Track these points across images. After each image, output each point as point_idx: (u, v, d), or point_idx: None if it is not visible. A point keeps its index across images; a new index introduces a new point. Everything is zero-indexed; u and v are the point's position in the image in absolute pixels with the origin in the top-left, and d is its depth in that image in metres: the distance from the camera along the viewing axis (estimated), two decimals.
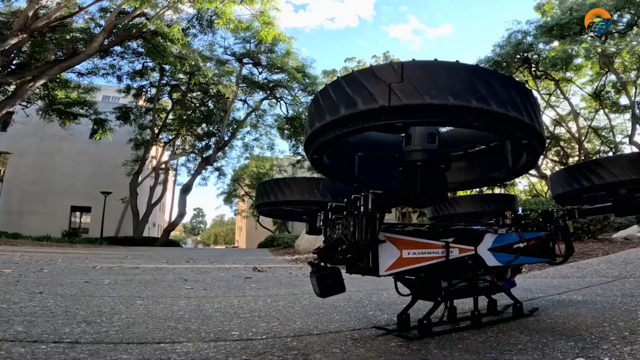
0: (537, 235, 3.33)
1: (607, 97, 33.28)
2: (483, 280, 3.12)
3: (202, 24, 34.72)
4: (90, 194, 43.66)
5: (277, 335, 2.76)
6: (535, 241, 3.34)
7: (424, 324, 2.49)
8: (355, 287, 4.76)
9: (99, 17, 31.62)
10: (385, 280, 3.64)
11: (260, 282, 6.42)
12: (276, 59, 38.20)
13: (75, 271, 7.50)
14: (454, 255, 2.75)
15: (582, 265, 6.87)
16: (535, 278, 6.04)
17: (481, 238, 2.95)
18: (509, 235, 3.16)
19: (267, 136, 47.04)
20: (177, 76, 37.74)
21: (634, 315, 3.01)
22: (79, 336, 2.56)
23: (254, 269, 9.41)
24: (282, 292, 5.05)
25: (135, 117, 40.27)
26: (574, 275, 6.21)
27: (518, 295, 3.83)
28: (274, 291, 5.24)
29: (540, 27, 29.89)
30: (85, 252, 16.96)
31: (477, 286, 3.06)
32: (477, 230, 3.02)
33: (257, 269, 9.25)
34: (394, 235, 2.53)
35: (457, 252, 2.77)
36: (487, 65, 31.70)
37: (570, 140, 38.21)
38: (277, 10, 33.77)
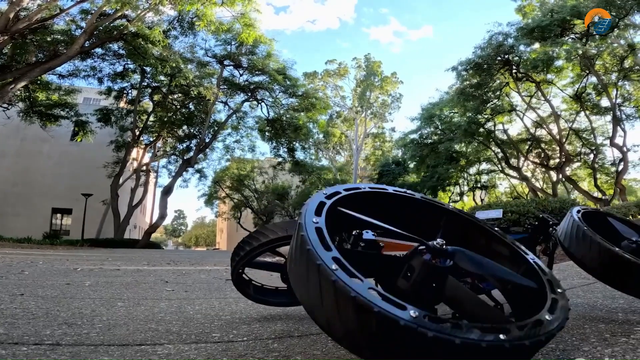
0: (519, 237, 3.47)
1: (588, 99, 33.23)
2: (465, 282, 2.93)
3: (183, 26, 34.62)
4: (71, 195, 43.40)
5: (258, 337, 2.81)
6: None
7: None
8: None
9: (80, 19, 31.43)
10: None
11: None
12: (257, 61, 38.07)
13: (56, 273, 7.51)
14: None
15: (563, 267, 6.94)
16: None
17: None
18: None
19: (248, 138, 47.04)
20: (158, 78, 37.61)
21: (615, 317, 3.08)
22: (60, 338, 2.60)
23: None
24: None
25: (116, 119, 39.97)
26: None
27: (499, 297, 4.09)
28: None
29: (521, 29, 29.82)
30: (66, 254, 16.81)
31: None
32: None
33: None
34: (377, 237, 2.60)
35: None
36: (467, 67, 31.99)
37: (551, 142, 38.28)
38: (258, 12, 33.84)
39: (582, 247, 2.86)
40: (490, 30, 31.52)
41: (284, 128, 42.23)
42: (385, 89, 53.81)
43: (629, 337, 2.46)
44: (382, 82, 53.62)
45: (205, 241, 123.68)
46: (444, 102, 39.91)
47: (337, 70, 54.65)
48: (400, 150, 48.27)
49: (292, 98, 42.19)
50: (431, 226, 2.30)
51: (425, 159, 41.27)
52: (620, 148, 31.69)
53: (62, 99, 35.12)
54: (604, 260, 2.75)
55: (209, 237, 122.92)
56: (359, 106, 54.05)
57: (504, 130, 40.52)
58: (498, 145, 39.52)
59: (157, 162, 48.79)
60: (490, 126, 38.33)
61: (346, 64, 55.21)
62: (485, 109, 35.61)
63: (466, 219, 2.33)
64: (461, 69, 32.95)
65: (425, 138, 42.33)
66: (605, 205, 28.13)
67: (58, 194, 45.56)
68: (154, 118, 41.90)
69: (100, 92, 38.91)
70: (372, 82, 53.29)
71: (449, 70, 33.78)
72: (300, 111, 42.03)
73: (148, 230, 38.55)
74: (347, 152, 60.17)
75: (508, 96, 36.84)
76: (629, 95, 32.32)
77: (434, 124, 41.30)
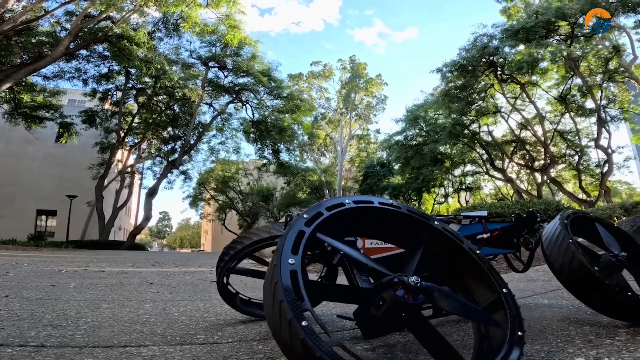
0: (501, 226, 3.60)
1: (572, 101, 33.12)
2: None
3: (168, 28, 34.73)
4: (56, 197, 43.27)
5: (243, 338, 2.80)
6: (500, 232, 3.59)
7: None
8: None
9: (65, 21, 31.38)
10: None
11: None
12: (242, 63, 38.07)
13: (41, 275, 7.46)
14: None
15: (548, 268, 6.68)
16: None
17: None
18: (473, 226, 3.40)
19: (233, 140, 46.99)
20: (142, 80, 37.61)
21: (599, 319, 3.10)
22: (44, 340, 2.59)
23: None
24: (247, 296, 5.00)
25: (101, 120, 39.92)
26: (539, 279, 6.47)
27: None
28: None
29: (506, 31, 29.70)
30: (51, 255, 16.74)
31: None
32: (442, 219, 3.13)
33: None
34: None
35: None
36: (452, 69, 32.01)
37: (536, 144, 38.29)
38: (243, 13, 33.85)
39: (562, 259, 2.89)
40: (475, 32, 31.38)
41: (269, 130, 42.14)
42: (370, 90, 53.90)
43: (614, 338, 2.47)
44: (367, 83, 53.70)
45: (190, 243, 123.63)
46: (428, 103, 39.83)
47: (322, 72, 54.71)
48: (385, 151, 48.23)
49: (277, 100, 42.22)
50: (414, 240, 2.32)
51: (410, 161, 41.23)
52: (605, 150, 31.72)
53: (47, 100, 34.99)
54: (580, 277, 2.79)
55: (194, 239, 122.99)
56: (343, 108, 54.17)
57: (489, 131, 40.42)
58: (483, 147, 39.46)
59: (142, 164, 48.68)
60: (475, 128, 38.23)
61: (331, 66, 55.29)
62: (470, 111, 35.45)
63: (448, 237, 2.32)
64: (446, 71, 32.71)
65: (410, 140, 42.27)
66: (590, 206, 28.21)
67: (43, 196, 45.35)
68: (139, 120, 41.80)
69: (85, 94, 38.78)
70: (357, 83, 53.37)
71: (433, 72, 33.55)
72: (285, 113, 42.03)
73: (133, 232, 38.51)
74: (332, 154, 60.21)
75: (493, 98, 36.67)
76: (614, 97, 32.35)
77: (419, 126, 41.18)
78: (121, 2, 26.98)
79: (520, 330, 1.92)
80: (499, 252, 3.62)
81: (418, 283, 1.78)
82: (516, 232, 3.75)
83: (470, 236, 3.23)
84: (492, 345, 1.96)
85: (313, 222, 1.93)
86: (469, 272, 2.31)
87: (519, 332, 1.91)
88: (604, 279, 2.68)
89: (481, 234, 3.38)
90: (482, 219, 3.45)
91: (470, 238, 3.08)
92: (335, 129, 56.05)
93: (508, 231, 3.69)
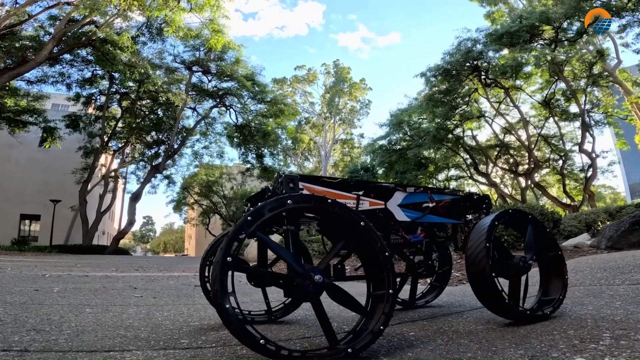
0: (447, 197, 3.70)
1: (556, 105, 33.21)
2: (395, 235, 3.50)
3: (152, 32, 34.76)
4: (40, 201, 43.08)
5: (226, 343, 2.80)
6: (447, 203, 3.69)
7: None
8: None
9: (49, 25, 31.36)
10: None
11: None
12: (226, 67, 38.10)
13: (24, 279, 7.46)
14: (364, 207, 3.11)
15: (533, 273, 6.74)
16: None
17: (391, 194, 3.32)
18: (419, 195, 3.51)
19: (217, 144, 46.85)
20: (126, 84, 37.41)
21: (583, 324, 3.04)
22: (28, 344, 2.59)
23: None
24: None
25: (85, 125, 39.67)
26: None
27: (467, 302, 4.48)
28: None
29: (490, 35, 29.82)
30: (34, 260, 16.72)
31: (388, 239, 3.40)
32: (387, 187, 3.35)
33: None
34: (311, 184, 2.91)
35: (367, 205, 3.14)
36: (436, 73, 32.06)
37: (520, 148, 38.32)
38: (227, 18, 33.81)
39: (475, 258, 3.05)
40: (459, 36, 31.37)
41: (253, 134, 42.17)
42: (354, 95, 54.09)
43: (598, 343, 2.47)
44: (351, 88, 53.88)
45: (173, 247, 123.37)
46: (412, 108, 39.66)
47: (306, 77, 54.84)
48: (369, 156, 47.91)
49: (260, 104, 42.22)
50: (339, 234, 2.63)
51: (394, 165, 40.91)
52: (589, 154, 31.84)
53: (31, 105, 34.93)
54: (481, 279, 3.04)
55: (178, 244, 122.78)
56: (327, 112, 54.33)
57: (473, 136, 40.57)
58: (467, 151, 39.54)
59: (126, 168, 48.51)
60: (459, 132, 38.30)
61: (315, 70, 55.50)
62: (454, 115, 35.59)
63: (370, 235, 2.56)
64: (430, 75, 32.80)
65: (394, 144, 41.94)
66: (574, 211, 28.24)
67: (26, 200, 45.13)
68: (123, 124, 41.70)
69: (69, 98, 38.61)
70: (341, 88, 53.52)
71: (417, 77, 33.71)
72: (268, 117, 42.08)
73: (116, 237, 38.28)
74: (315, 158, 60.31)
75: (477, 102, 36.89)
76: (598, 101, 32.49)
77: (403, 130, 40.90)
78: (105, 6, 26.79)
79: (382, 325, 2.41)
80: (443, 220, 3.70)
81: (320, 280, 2.31)
82: (460, 210, 3.84)
83: (415, 204, 3.45)
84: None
85: (255, 222, 2.26)
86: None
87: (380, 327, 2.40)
88: (497, 286, 2.98)
89: (427, 203, 3.50)
90: (427, 189, 3.58)
91: (415, 206, 3.44)
92: (319, 133, 56.24)
93: (457, 204, 3.80)
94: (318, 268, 2.40)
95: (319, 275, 2.30)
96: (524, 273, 3.32)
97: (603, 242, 10.56)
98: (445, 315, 3.79)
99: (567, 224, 14.52)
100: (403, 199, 3.38)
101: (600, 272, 5.72)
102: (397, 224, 3.39)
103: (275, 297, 3.96)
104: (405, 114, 40.07)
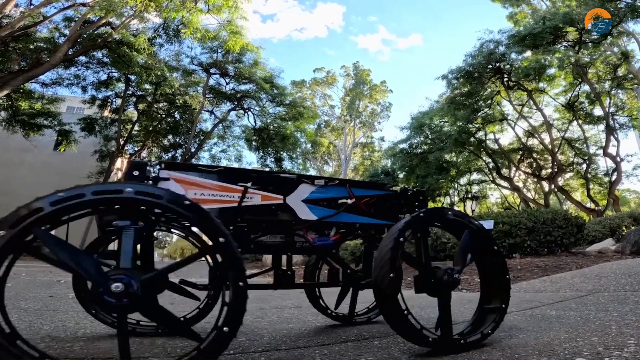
0: (372, 193, 3.25)
1: (580, 108, 33.18)
2: (299, 235, 3.09)
3: (169, 34, 34.42)
4: None
5: (244, 350, 2.81)
6: (371, 199, 3.24)
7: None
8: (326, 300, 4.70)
9: (64, 27, 31.12)
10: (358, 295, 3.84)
11: None
12: (244, 69, 37.81)
13: (38, 285, 7.62)
14: (254, 202, 2.71)
15: (556, 279, 6.99)
16: None
17: (293, 187, 2.90)
18: (333, 189, 3.08)
19: (235, 147, 46.56)
20: (143, 87, 37.30)
21: (607, 331, 3.05)
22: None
23: None
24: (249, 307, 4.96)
25: (101, 128, 39.67)
26: (547, 290, 6.31)
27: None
28: None
29: (513, 37, 29.58)
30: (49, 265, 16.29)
31: (291, 242, 3.05)
32: (288, 178, 2.97)
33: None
34: (179, 173, 2.57)
35: (258, 199, 2.73)
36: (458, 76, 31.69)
37: (543, 152, 38.24)
38: (245, 19, 33.40)
39: (379, 267, 2.68)
40: (481, 38, 31.39)
41: (271, 137, 41.94)
42: (374, 97, 53.69)
43: (622, 350, 2.47)
44: (371, 90, 53.48)
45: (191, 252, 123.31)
46: (434, 111, 39.61)
47: (325, 79, 54.61)
48: (389, 160, 48.00)
49: (279, 107, 42.03)
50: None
51: (415, 169, 40.98)
52: (613, 158, 31.61)
53: (45, 107, 34.84)
54: (380, 292, 2.67)
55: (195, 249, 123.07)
56: (347, 115, 53.98)
57: (495, 139, 40.48)
58: (489, 155, 39.54)
59: None
60: (481, 135, 38.37)
61: (334, 72, 55.21)
62: (476, 118, 35.50)
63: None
64: (451, 78, 32.72)
65: (414, 148, 42.03)
66: (598, 215, 27.87)
67: None
68: (139, 127, 41.61)
69: (84, 101, 38.58)
70: (361, 90, 53.19)
71: (439, 79, 33.66)
72: (287, 120, 41.83)
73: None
74: (335, 162, 59.79)
75: (499, 105, 36.81)
76: (623, 104, 32.35)
77: (424, 134, 40.96)
78: (121, 7, 26.49)
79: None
80: (367, 221, 3.20)
81: (118, 288, 1.93)
82: (396, 207, 3.38)
83: (329, 199, 3.01)
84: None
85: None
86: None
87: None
88: (401, 309, 2.61)
89: (344, 199, 3.04)
90: (346, 182, 3.15)
91: (329, 201, 3.03)
92: (339, 136, 55.89)
93: (387, 201, 3.32)
94: (125, 274, 2.01)
95: (119, 284, 1.94)
96: (452, 288, 2.91)
97: (628, 247, 10.96)
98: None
99: (591, 229, 15.31)
100: (310, 193, 2.96)
101: (624, 277, 5.95)
102: (299, 223, 2.95)
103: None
104: (427, 116, 40.13)
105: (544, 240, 11.79)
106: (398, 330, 2.65)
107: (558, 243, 11.91)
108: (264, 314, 4.50)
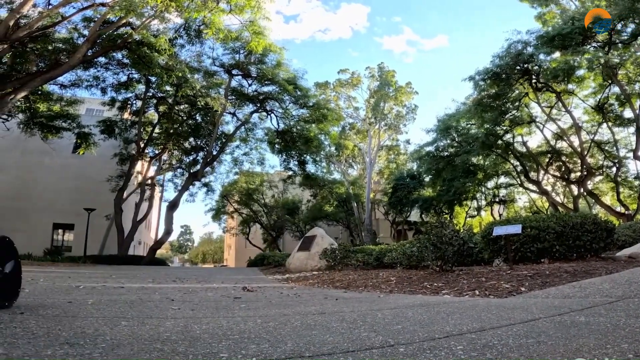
0: None
1: (610, 110, 32.84)
2: None
3: (190, 34, 34.25)
4: (73, 210, 42.54)
5: (267, 357, 2.81)
6: None
7: None
8: (349, 307, 4.87)
9: (83, 27, 31.03)
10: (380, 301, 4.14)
11: (250, 303, 6.51)
12: (266, 70, 37.43)
13: (57, 291, 7.56)
14: None
15: (585, 284, 6.84)
16: (536, 298, 6.08)
17: None
18: None
19: (257, 150, 46.53)
20: (163, 88, 37.06)
21: (638, 337, 3.05)
22: (61, 358, 2.59)
23: (244, 288, 9.52)
24: (272, 313, 5.04)
25: (120, 130, 39.70)
26: (575, 295, 6.18)
27: (517, 316, 4.33)
28: (264, 312, 5.32)
29: (541, 37, 29.08)
30: (67, 271, 17.06)
31: None
32: None
33: (247, 289, 9.35)
34: None
35: None
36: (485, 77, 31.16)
37: (572, 155, 37.89)
38: (268, 19, 32.89)
39: None
40: (509, 39, 30.89)
41: (295, 140, 41.73)
42: (399, 99, 53.00)
43: None
44: (397, 92, 52.78)
45: (212, 258, 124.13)
46: (460, 113, 39.32)
47: (349, 80, 54.04)
48: (415, 163, 48.07)
49: (302, 109, 41.72)
50: None
51: (441, 172, 40.98)
52: None
53: (64, 109, 34.98)
54: None
55: (217, 254, 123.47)
56: (372, 117, 53.29)
57: (523, 142, 40.21)
58: (517, 158, 39.43)
59: (163, 176, 48.61)
60: (509, 138, 38.15)
61: (359, 74, 54.56)
62: (504, 120, 35.25)
63: None
64: (479, 79, 32.29)
65: (441, 150, 42.00)
66: (628, 220, 27.29)
67: (59, 209, 44.70)
68: (160, 130, 41.80)
69: (104, 103, 38.84)
70: (386, 92, 52.55)
71: (465, 80, 33.25)
72: (311, 122, 41.49)
73: (153, 247, 38.44)
74: (360, 165, 59.48)
75: (527, 107, 36.49)
76: None
77: (451, 136, 40.85)
78: (141, 7, 26.11)
79: None
80: None
81: None
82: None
83: None
84: None
85: None
86: None
87: None
88: None
89: None
90: None
91: None
92: (363, 139, 55.26)
93: None
94: None
95: None
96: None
97: None
98: None
99: (621, 234, 14.74)
100: None
101: None
102: None
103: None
104: (453, 119, 39.91)
105: (573, 244, 11.35)
106: None
107: (587, 248, 11.48)
108: (287, 320, 4.45)
